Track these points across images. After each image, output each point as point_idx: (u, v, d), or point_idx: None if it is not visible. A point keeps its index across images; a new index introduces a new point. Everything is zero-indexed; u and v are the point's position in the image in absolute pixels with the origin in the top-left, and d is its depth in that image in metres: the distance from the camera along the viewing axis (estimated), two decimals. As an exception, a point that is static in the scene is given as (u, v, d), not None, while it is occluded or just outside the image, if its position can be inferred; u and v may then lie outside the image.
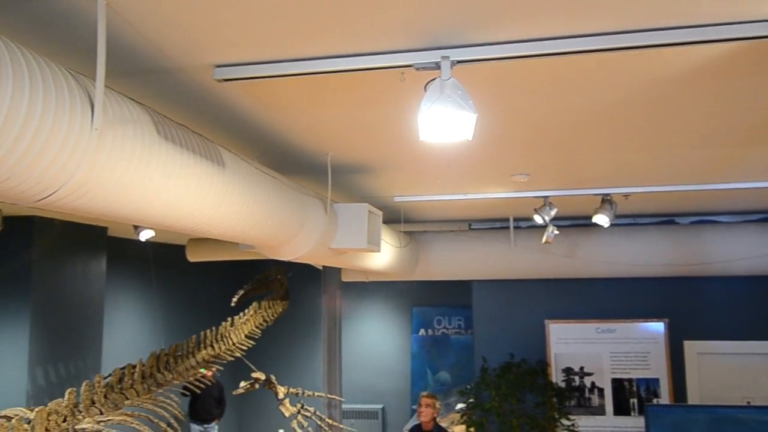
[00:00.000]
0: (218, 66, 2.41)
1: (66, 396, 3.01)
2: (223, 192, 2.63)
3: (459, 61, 2.19)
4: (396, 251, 5.78)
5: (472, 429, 6.74)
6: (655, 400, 6.67)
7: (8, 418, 2.54)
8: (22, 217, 6.10)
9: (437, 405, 5.67)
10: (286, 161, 3.92)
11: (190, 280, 9.70)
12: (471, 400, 6.72)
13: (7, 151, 1.59)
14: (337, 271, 6.87)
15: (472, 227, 7.13)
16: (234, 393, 5.07)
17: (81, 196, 1.94)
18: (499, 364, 6.72)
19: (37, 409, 2.76)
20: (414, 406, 10.63)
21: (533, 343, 6.79)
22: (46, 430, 2.77)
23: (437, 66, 2.18)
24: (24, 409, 2.89)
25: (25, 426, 2.64)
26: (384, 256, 5.46)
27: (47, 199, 1.87)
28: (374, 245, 4.15)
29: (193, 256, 7.58)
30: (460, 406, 7.85)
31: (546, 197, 4.94)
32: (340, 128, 3.33)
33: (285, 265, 6.93)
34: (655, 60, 2.39)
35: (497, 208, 6.01)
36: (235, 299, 6.16)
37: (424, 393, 5.62)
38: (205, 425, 9.50)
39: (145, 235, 5.79)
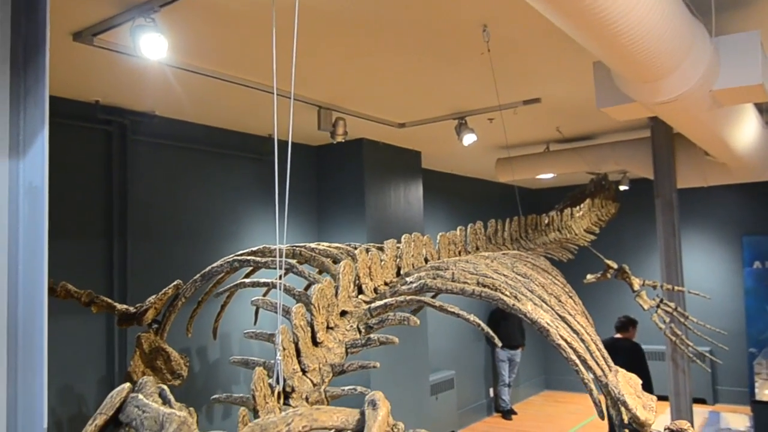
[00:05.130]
0: None
1: (458, 232, 2.98)
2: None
3: None
4: (761, 131, 4.86)
5: None
6: None
7: (418, 238, 2.53)
8: (354, 140, 6.57)
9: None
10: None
11: (490, 207, 9.67)
12: None
13: None
14: (671, 175, 6.09)
15: None
16: (584, 282, 4.75)
17: None
18: None
19: (440, 234, 2.76)
20: (752, 349, 9.22)
21: None
22: (448, 255, 2.74)
23: None
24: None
25: (431, 248, 2.63)
26: (750, 131, 4.61)
27: None
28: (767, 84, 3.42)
29: (503, 176, 7.45)
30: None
31: None
32: None
33: (604, 174, 6.42)
34: None
35: None
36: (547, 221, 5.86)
37: None
38: (512, 352, 9.48)
39: (468, 140, 5.76)
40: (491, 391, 9.63)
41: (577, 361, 1.83)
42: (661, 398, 10.02)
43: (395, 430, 1.20)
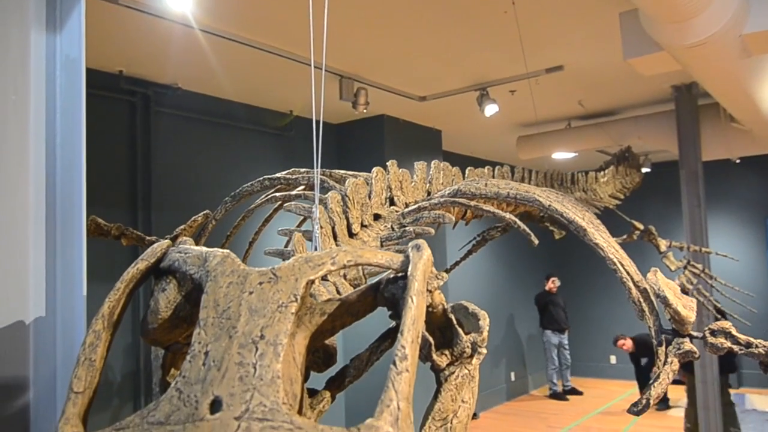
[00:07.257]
0: None
1: (485, 170, 2.96)
2: None
3: None
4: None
5: None
6: None
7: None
8: (375, 116, 6.56)
9: None
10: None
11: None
12: None
13: None
14: (696, 145, 6.01)
15: None
16: (610, 243, 4.68)
17: None
18: None
19: (468, 169, 2.76)
20: (779, 333, 9.06)
21: None
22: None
23: None
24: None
25: (460, 179, 2.61)
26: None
27: None
28: (800, 27, 3.35)
29: (524, 154, 7.39)
30: None
31: None
32: None
33: (627, 147, 6.35)
34: None
35: None
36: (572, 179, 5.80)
37: None
38: (561, 335, 9.44)
39: (490, 111, 5.72)
40: (513, 375, 9.55)
41: (614, 260, 1.80)
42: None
43: (439, 278, 1.18)
